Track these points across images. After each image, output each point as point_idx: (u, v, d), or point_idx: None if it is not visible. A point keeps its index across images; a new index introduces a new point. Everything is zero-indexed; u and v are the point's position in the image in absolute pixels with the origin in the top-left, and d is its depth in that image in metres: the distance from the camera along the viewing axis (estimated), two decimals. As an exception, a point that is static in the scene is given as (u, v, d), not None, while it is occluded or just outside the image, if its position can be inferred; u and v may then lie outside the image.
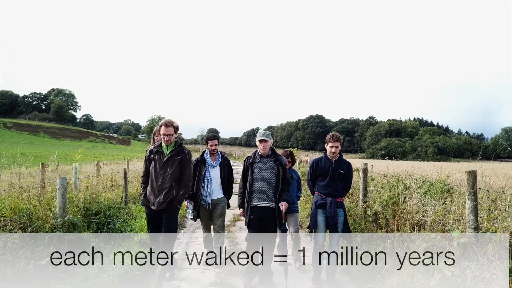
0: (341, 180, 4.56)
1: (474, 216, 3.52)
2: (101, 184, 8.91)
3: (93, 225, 5.75)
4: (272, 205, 4.38)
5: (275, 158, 4.47)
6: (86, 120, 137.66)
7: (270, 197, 4.37)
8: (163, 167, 4.33)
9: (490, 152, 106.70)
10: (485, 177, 8.69)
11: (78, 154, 7.65)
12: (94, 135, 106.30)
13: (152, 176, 4.37)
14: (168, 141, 4.34)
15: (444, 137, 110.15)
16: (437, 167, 7.91)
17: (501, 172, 11.28)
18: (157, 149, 4.44)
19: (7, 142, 65.71)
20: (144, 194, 4.48)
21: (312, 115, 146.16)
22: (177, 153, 4.39)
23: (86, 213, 5.83)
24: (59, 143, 79.30)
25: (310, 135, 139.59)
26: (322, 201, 4.50)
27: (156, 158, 4.39)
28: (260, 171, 4.42)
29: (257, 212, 4.36)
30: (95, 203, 6.32)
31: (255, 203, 4.38)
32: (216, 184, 5.06)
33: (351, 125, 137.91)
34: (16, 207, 4.01)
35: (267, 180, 4.39)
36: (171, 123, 4.33)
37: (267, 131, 4.45)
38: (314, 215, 4.54)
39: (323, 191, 4.53)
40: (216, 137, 5.23)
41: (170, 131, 4.32)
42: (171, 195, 4.32)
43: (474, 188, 3.49)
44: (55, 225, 4.30)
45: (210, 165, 5.05)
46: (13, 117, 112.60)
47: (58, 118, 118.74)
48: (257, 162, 4.47)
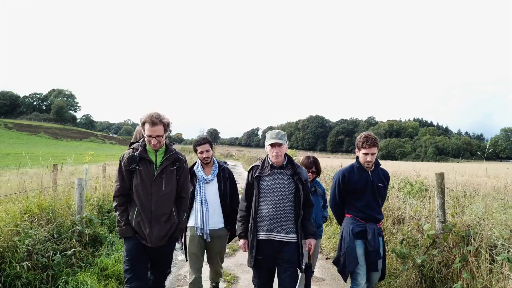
0: (381, 197, 3.42)
1: (442, 212, 3.94)
2: (108, 184, 9.34)
3: (107, 221, 6.24)
4: (287, 238, 3.05)
5: (293, 170, 3.12)
6: (86, 120, 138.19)
7: (285, 226, 3.05)
8: (155, 183, 3.00)
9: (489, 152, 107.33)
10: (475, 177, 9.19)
11: (88, 156, 8.08)
12: (95, 136, 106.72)
13: (141, 197, 2.99)
14: (157, 145, 3.01)
15: (444, 138, 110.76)
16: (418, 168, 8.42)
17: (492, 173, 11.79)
18: (141, 156, 3.02)
19: (8, 143, 66.10)
20: (125, 222, 3.01)
21: (312, 116, 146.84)
22: (172, 161, 3.11)
23: (99, 211, 6.34)
24: (60, 144, 79.69)
25: (310, 136, 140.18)
26: (361, 228, 3.27)
27: (142, 171, 3.00)
28: (270, 188, 3.07)
29: (266, 250, 3.05)
30: (107, 202, 6.81)
31: (262, 235, 3.06)
32: (214, 206, 3.59)
33: (351, 125, 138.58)
34: (42, 205, 4.49)
35: (281, 202, 3.05)
36: (160, 119, 2.97)
37: (281, 131, 3.16)
38: (353, 248, 3.25)
39: (360, 214, 3.31)
40: (207, 140, 3.72)
41: (158, 130, 2.96)
42: (173, 224, 3.09)
43: (441, 188, 3.90)
44: (74, 221, 4.72)
45: (202, 180, 3.59)
46: (14, 118, 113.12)
47: (58, 118, 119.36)
48: (267, 175, 3.11)
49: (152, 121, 2.93)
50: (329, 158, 57.38)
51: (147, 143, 3.03)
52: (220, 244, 3.69)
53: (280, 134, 3.14)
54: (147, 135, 2.97)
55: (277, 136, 3.11)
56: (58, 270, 3.85)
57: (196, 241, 3.55)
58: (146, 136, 2.98)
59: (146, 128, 2.96)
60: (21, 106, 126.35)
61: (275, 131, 3.14)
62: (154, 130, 2.94)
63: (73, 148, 66.77)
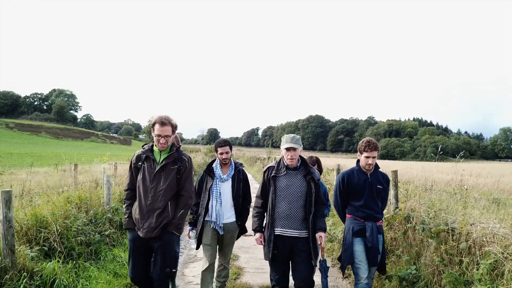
0: (380, 198, 3.66)
1: (395, 200, 5.03)
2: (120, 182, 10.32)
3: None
4: (300, 234, 3.32)
5: (306, 171, 3.39)
6: (87, 120, 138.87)
7: (298, 223, 3.31)
8: (155, 179, 3.23)
9: (488, 152, 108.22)
10: (440, 174, 10.23)
11: (106, 157, 9.03)
12: (95, 135, 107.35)
13: (140, 191, 3.24)
14: (165, 145, 3.26)
15: (443, 137, 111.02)
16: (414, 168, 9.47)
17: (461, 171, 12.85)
18: (147, 155, 3.32)
19: (10, 143, 66.72)
20: (128, 214, 3.34)
21: (312, 115, 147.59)
22: (173, 160, 3.31)
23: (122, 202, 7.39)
24: (61, 143, 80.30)
25: (310, 135, 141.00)
26: (360, 226, 3.54)
27: (146, 167, 3.27)
28: (286, 187, 3.35)
29: (281, 244, 3.32)
30: (126, 195, 7.86)
31: (278, 230, 3.34)
32: (227, 204, 3.88)
33: (350, 125, 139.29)
34: (81, 196, 5.56)
35: (295, 200, 3.32)
36: (169, 121, 3.24)
37: (296, 135, 3.41)
38: (350, 245, 3.54)
39: (360, 213, 3.57)
40: (228, 143, 4.03)
41: (167, 131, 3.22)
42: (165, 218, 3.23)
43: (395, 182, 5.10)
44: (104, 210, 5.79)
45: (219, 179, 3.91)
46: (15, 118, 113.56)
47: (59, 118, 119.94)
48: (282, 176, 3.39)
49: (162, 121, 3.20)
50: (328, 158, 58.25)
51: (156, 143, 3.27)
52: (230, 236, 3.93)
53: (295, 138, 3.38)
54: (157, 134, 3.21)
55: (292, 140, 3.34)
56: (98, 246, 4.91)
57: (210, 233, 3.83)
58: (156, 136, 3.22)
59: (156, 128, 3.21)
60: (22, 106, 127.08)
61: (290, 136, 3.39)
62: (163, 130, 3.20)
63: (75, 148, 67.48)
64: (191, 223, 3.93)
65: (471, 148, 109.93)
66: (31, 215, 4.22)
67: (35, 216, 4.20)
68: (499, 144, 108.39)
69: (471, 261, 3.33)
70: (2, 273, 3.46)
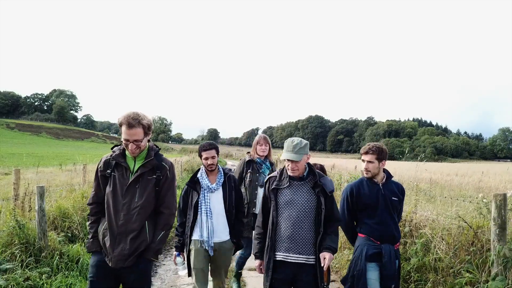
0: (395, 212, 3.14)
1: None
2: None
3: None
4: (307, 260, 2.76)
5: (314, 182, 2.80)
6: (87, 120, 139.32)
7: (306, 246, 2.75)
8: (128, 193, 2.60)
9: (488, 152, 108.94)
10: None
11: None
12: (96, 136, 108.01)
13: (110, 208, 2.59)
14: (136, 151, 2.59)
15: (442, 138, 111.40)
16: None
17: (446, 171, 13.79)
18: (117, 161, 2.64)
19: (11, 143, 67.27)
20: (93, 234, 2.67)
21: (312, 115, 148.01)
22: (151, 169, 2.66)
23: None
24: (62, 144, 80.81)
25: (310, 135, 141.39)
26: (376, 249, 3.01)
27: (116, 177, 2.62)
28: (289, 202, 2.78)
29: (285, 272, 2.76)
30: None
31: (279, 255, 2.79)
32: (219, 218, 3.32)
33: (350, 125, 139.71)
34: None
35: (301, 219, 2.75)
36: (138, 121, 2.53)
37: (300, 142, 2.76)
38: (363, 272, 2.99)
39: (376, 233, 3.03)
40: (214, 146, 3.43)
41: (136, 134, 2.53)
42: (142, 243, 2.61)
43: None
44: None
45: (207, 189, 3.33)
46: (16, 118, 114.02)
47: (59, 118, 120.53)
48: (285, 188, 2.81)
49: (128, 122, 2.49)
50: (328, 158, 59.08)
51: (125, 148, 2.62)
52: (225, 257, 3.39)
53: (297, 147, 2.71)
54: (124, 139, 2.54)
55: (294, 150, 2.71)
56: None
57: (202, 255, 3.27)
58: (123, 140, 2.56)
59: (123, 130, 2.53)
60: (22, 106, 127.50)
61: (293, 143, 2.74)
62: (131, 134, 2.50)
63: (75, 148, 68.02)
64: (177, 247, 3.34)
65: (470, 149, 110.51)
66: (56, 207, 5.05)
67: (59, 208, 5.02)
68: (498, 145, 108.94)
69: (412, 242, 4.09)
70: (38, 252, 4.28)
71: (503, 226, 3.33)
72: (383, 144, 3.16)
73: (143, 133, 2.56)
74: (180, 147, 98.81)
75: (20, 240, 4.20)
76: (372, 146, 3.10)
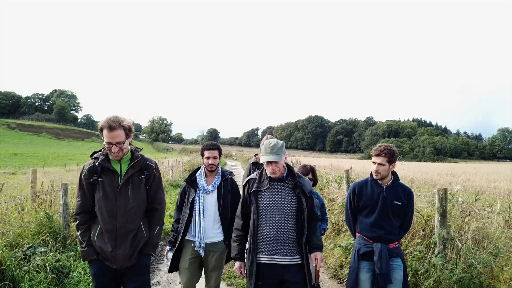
0: (397, 216, 3.08)
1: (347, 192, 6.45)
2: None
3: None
4: (293, 260, 2.76)
5: (294, 183, 2.83)
6: (87, 120, 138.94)
7: (289, 247, 2.76)
8: (121, 196, 2.68)
9: (487, 152, 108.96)
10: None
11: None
12: (96, 136, 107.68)
13: (104, 213, 2.68)
14: (119, 153, 2.66)
15: (442, 138, 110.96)
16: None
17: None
18: (103, 166, 2.70)
19: (12, 143, 67.29)
20: (87, 242, 2.72)
21: (312, 116, 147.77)
22: (139, 169, 2.77)
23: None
24: (63, 144, 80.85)
25: (310, 136, 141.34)
26: (368, 248, 3.05)
27: (105, 182, 2.69)
28: (270, 205, 2.78)
29: (269, 274, 2.75)
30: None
31: (263, 258, 2.77)
32: (211, 219, 3.34)
33: (350, 125, 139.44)
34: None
35: (283, 221, 2.76)
36: (119, 123, 2.62)
37: (277, 144, 2.78)
38: (355, 270, 3.08)
39: (368, 233, 3.08)
40: (217, 147, 3.49)
41: (118, 136, 2.62)
42: (141, 240, 2.76)
43: (347, 178, 7.00)
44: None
45: (202, 190, 3.36)
46: (16, 118, 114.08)
47: (60, 118, 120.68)
48: (265, 190, 2.81)
49: (109, 125, 2.58)
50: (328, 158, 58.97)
51: (108, 152, 2.68)
52: (217, 259, 3.34)
53: (275, 148, 2.74)
54: (106, 142, 2.62)
55: (272, 151, 2.73)
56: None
57: (189, 255, 3.30)
58: (106, 144, 2.63)
59: (105, 134, 2.60)
60: (23, 106, 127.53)
61: (270, 145, 2.76)
62: (113, 136, 2.59)
63: (76, 148, 68.06)
64: (170, 242, 3.40)
65: (469, 149, 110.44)
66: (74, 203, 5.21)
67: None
68: (497, 145, 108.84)
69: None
70: (63, 240, 5.03)
71: (444, 214, 4.23)
72: (393, 146, 3.11)
73: (124, 135, 2.66)
74: (180, 147, 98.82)
75: (48, 230, 4.96)
76: (384, 148, 3.05)
